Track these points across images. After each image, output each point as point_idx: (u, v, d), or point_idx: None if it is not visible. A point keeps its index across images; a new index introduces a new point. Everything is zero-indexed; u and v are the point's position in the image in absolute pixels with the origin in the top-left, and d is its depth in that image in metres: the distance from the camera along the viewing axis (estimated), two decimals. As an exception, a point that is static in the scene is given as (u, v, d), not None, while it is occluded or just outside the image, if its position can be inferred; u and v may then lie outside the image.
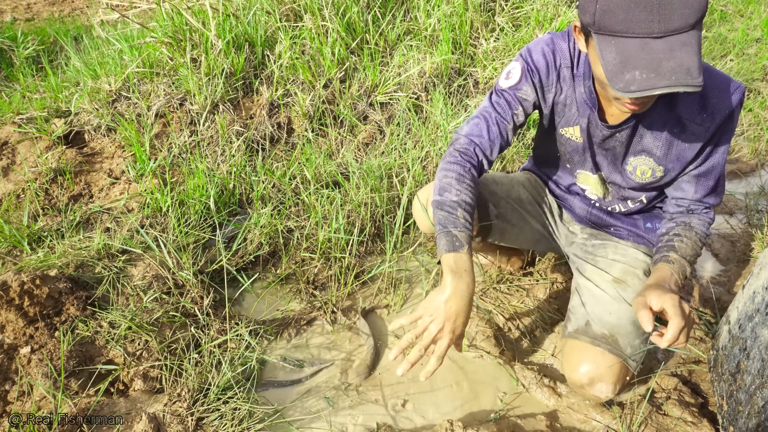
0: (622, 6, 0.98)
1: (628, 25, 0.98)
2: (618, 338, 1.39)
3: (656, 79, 0.97)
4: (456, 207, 1.28)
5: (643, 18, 0.97)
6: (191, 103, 2.52)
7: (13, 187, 2.25)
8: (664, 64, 0.97)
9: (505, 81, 1.39)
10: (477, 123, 1.41)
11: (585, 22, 1.06)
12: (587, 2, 1.04)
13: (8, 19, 5.21)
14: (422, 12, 2.87)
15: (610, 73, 1.01)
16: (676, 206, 1.40)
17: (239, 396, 1.44)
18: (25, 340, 1.52)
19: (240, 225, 2.04)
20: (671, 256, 1.30)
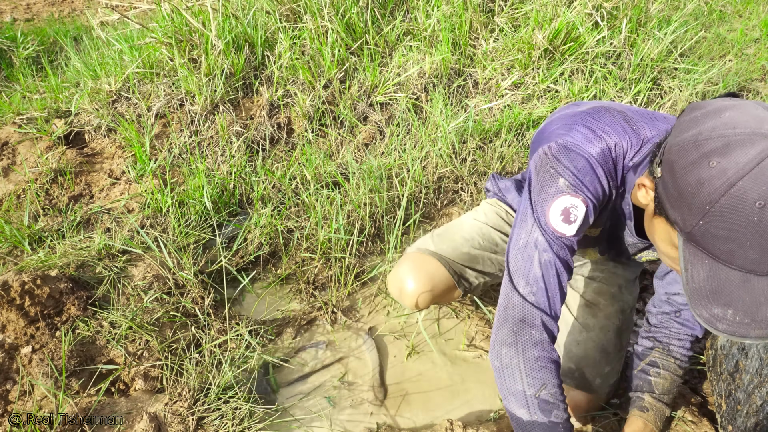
0: (734, 240, 0.78)
1: (733, 258, 0.80)
2: (585, 371, 1.40)
3: (751, 327, 0.81)
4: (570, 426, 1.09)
5: (754, 257, 0.78)
6: (191, 104, 2.53)
7: (13, 187, 2.25)
8: (763, 310, 0.80)
9: (565, 225, 1.08)
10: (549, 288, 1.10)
11: (673, 219, 0.85)
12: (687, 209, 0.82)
13: (8, 20, 5.21)
14: (422, 12, 2.88)
15: (693, 293, 0.84)
16: (665, 304, 1.29)
17: (240, 395, 1.45)
18: (26, 340, 1.52)
19: (240, 225, 2.04)
20: (646, 401, 1.26)
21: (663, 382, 1.27)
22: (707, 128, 0.80)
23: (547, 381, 1.07)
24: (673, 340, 1.29)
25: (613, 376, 1.42)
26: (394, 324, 1.79)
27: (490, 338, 1.16)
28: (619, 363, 1.44)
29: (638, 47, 2.97)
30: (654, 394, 1.27)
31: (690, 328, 1.29)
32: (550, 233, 1.08)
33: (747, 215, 0.75)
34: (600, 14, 2.97)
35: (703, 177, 0.78)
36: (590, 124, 1.09)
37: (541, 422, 1.05)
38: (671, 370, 1.28)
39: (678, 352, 1.29)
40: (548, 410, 1.05)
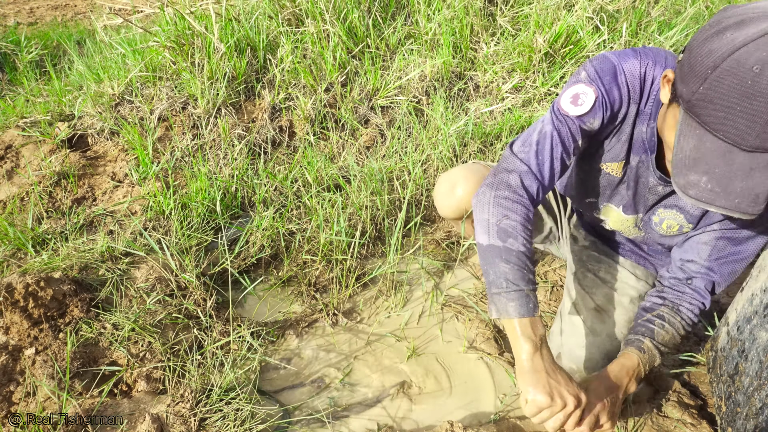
0: (726, 105, 0.83)
1: (723, 126, 0.84)
2: (585, 373, 1.41)
3: (719, 196, 0.87)
4: (525, 260, 1.13)
5: (741, 127, 0.82)
6: (194, 107, 2.54)
7: (17, 190, 2.27)
8: (735, 184, 0.86)
9: (572, 106, 1.16)
10: (539, 151, 1.20)
11: (680, 92, 0.92)
12: (693, 78, 0.87)
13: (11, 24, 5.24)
14: (423, 16, 2.89)
15: (677, 162, 0.90)
16: (678, 270, 1.29)
17: (242, 397, 1.46)
18: (30, 342, 1.53)
19: (242, 228, 2.05)
20: (645, 344, 1.24)
21: (665, 335, 1.24)
22: (728, 13, 0.85)
23: (509, 214, 1.14)
24: (684, 302, 1.27)
25: None
26: (395, 326, 1.79)
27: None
28: None
29: (638, 51, 2.98)
30: (654, 341, 1.24)
31: (701, 296, 1.27)
32: (556, 111, 1.18)
33: (742, 78, 0.79)
34: (600, 18, 2.98)
35: (714, 47, 0.83)
36: (637, 48, 1.16)
37: (496, 246, 1.12)
38: (675, 328, 1.25)
39: (686, 313, 1.26)
40: (505, 237, 1.12)
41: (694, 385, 1.55)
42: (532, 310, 1.09)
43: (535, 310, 1.10)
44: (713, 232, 1.22)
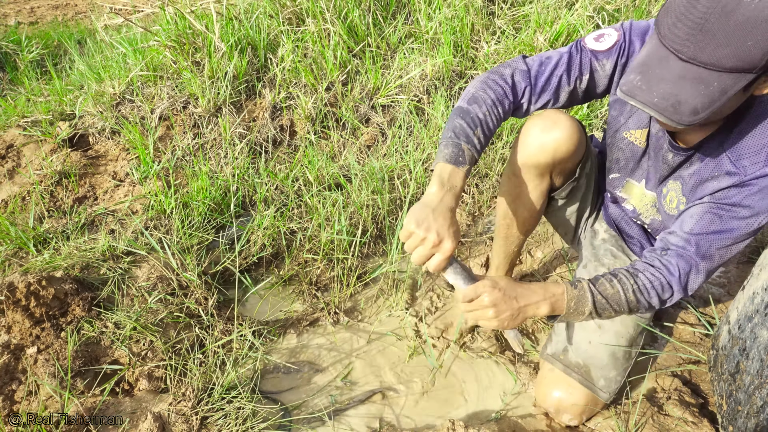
0: (673, 12, 0.91)
1: (668, 33, 0.92)
2: (591, 369, 1.40)
3: (643, 93, 0.93)
4: (478, 124, 1.20)
5: (682, 34, 0.90)
6: (194, 106, 2.54)
7: (18, 189, 2.27)
8: (661, 86, 0.92)
9: (593, 41, 1.24)
10: (544, 63, 1.26)
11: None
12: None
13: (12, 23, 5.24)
14: (423, 15, 2.89)
15: (629, 67, 0.97)
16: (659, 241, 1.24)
17: (243, 395, 1.46)
18: (32, 341, 1.53)
19: (243, 227, 2.06)
20: (581, 283, 1.17)
21: (608, 288, 1.16)
22: None
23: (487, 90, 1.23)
24: (646, 272, 1.18)
25: (616, 381, 1.41)
26: (395, 324, 1.80)
27: None
28: (625, 371, 1.43)
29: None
30: (593, 285, 1.16)
31: (667, 272, 1.17)
32: (578, 41, 1.26)
33: None
34: (601, 17, 2.98)
35: None
36: None
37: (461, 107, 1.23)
38: (624, 287, 1.16)
39: (642, 280, 1.17)
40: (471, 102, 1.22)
41: (695, 384, 1.55)
42: (458, 161, 1.15)
43: (461, 164, 1.15)
44: (702, 206, 1.17)
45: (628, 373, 1.54)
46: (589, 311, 1.17)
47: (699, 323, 1.72)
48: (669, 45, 0.92)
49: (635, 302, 1.17)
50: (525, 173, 1.40)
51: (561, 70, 1.25)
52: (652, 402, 1.45)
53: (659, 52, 0.94)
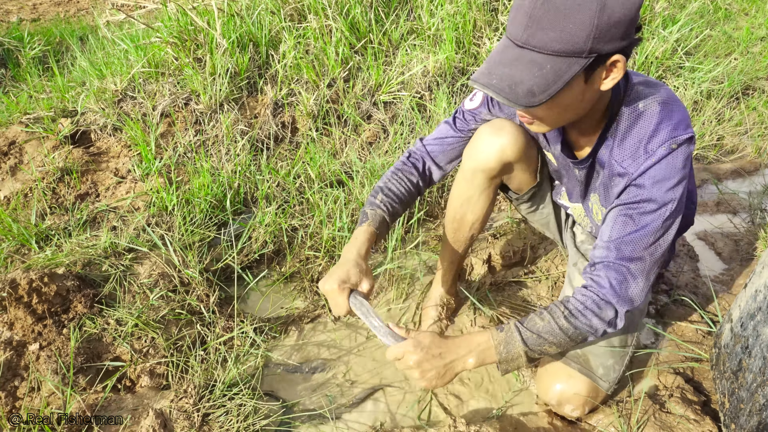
0: (514, 5, 0.99)
1: (509, 24, 1.00)
2: (590, 357, 1.41)
3: (484, 76, 1.00)
4: (378, 191, 1.42)
5: (518, 21, 0.97)
6: (196, 103, 2.54)
7: (21, 186, 2.27)
8: (499, 69, 0.99)
9: (468, 102, 1.44)
10: (438, 131, 1.49)
11: None
12: None
13: (14, 20, 5.24)
14: (425, 11, 2.88)
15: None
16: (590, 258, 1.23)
17: (245, 392, 1.46)
18: (34, 337, 1.54)
19: (245, 224, 2.06)
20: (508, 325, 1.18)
21: (539, 321, 1.17)
22: None
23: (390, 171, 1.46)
24: (577, 295, 1.18)
25: (614, 370, 1.42)
26: (395, 320, 1.79)
27: None
28: (623, 360, 1.44)
29: (643, 46, 2.97)
30: (521, 324, 1.17)
31: (598, 287, 1.16)
32: (459, 108, 1.47)
33: None
34: (604, 13, 2.96)
35: None
36: None
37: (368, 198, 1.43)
38: (554, 316, 1.17)
39: (573, 304, 1.17)
40: (374, 193, 1.42)
41: (697, 382, 1.55)
42: (362, 221, 1.36)
43: (363, 222, 1.35)
44: (613, 211, 1.18)
45: (630, 370, 1.54)
46: (524, 351, 1.16)
47: (701, 321, 1.71)
48: (509, 34, 1.00)
49: (571, 328, 1.16)
50: (474, 178, 1.47)
51: (453, 131, 1.46)
52: (654, 399, 1.45)
53: (503, 43, 1.02)
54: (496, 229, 2.14)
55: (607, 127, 1.18)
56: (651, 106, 1.12)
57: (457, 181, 1.52)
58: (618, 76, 1.02)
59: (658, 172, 1.11)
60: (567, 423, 1.46)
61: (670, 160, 1.10)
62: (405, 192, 1.44)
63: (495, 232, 2.12)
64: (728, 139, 2.81)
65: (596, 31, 0.92)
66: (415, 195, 1.49)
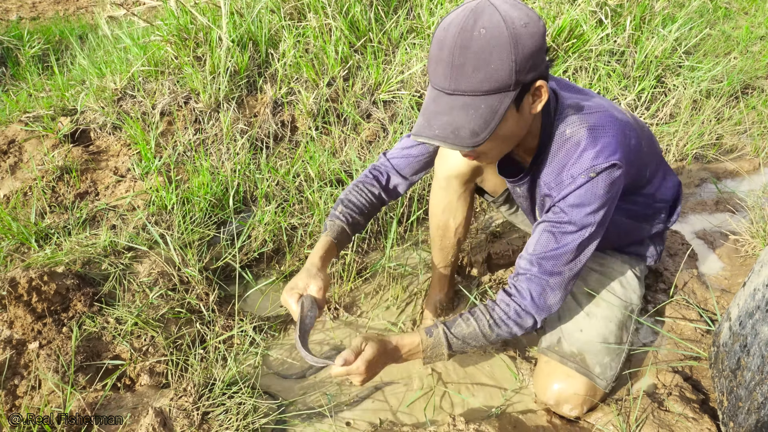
0: (432, 59, 1.04)
1: (433, 77, 1.05)
2: (586, 356, 1.43)
3: (425, 129, 1.05)
4: (339, 203, 1.48)
5: (441, 73, 1.03)
6: (196, 102, 2.54)
7: (20, 184, 2.27)
8: (438, 119, 1.04)
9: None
10: (400, 143, 1.54)
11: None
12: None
13: (14, 18, 5.24)
14: (425, 10, 2.88)
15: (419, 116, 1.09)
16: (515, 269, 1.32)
17: (244, 391, 1.46)
18: (34, 336, 1.54)
19: (244, 222, 2.06)
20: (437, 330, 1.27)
21: (465, 328, 1.27)
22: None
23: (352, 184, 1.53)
24: (502, 305, 1.28)
25: (611, 368, 1.43)
26: (394, 319, 1.80)
27: None
28: (619, 357, 1.45)
29: (642, 45, 2.97)
30: (449, 330, 1.27)
31: (520, 296, 1.26)
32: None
33: (438, 36, 1.03)
34: (604, 12, 2.97)
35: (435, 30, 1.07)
36: None
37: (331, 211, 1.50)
38: (480, 324, 1.26)
39: (498, 314, 1.27)
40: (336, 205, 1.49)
41: (696, 380, 1.55)
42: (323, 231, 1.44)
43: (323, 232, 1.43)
44: (539, 226, 1.26)
45: (629, 368, 1.55)
46: (448, 353, 1.28)
47: (700, 319, 1.71)
48: (436, 85, 1.06)
49: (493, 335, 1.27)
50: (449, 185, 1.52)
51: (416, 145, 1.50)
52: (652, 398, 1.45)
53: (431, 94, 1.07)
54: (494, 227, 2.14)
55: (540, 149, 1.25)
56: (578, 132, 1.18)
57: (434, 190, 1.57)
58: (545, 98, 1.09)
59: (577, 198, 1.18)
60: (566, 422, 1.46)
61: (589, 187, 1.16)
62: (366, 203, 1.50)
63: (494, 230, 2.12)
64: (727, 138, 2.82)
65: (516, 66, 1.00)
66: (377, 206, 1.54)
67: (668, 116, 2.85)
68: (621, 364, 1.46)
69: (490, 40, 0.98)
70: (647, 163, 1.37)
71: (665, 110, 2.84)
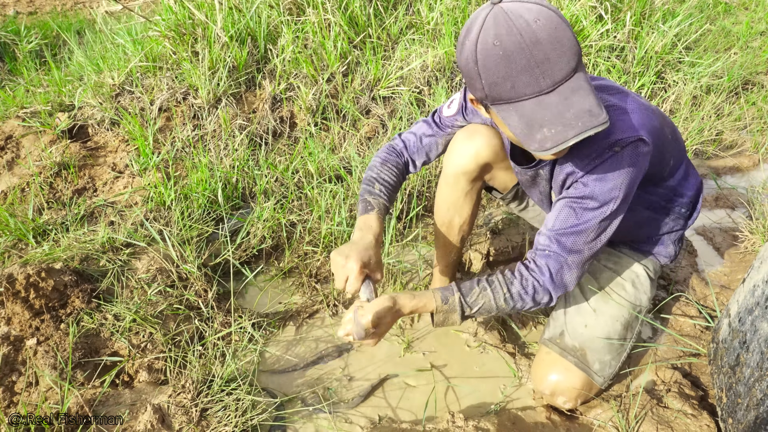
0: (505, 76, 1.00)
1: (518, 90, 1.00)
2: (587, 352, 1.43)
3: (565, 130, 0.99)
4: (374, 181, 1.45)
5: (527, 81, 0.99)
6: (194, 97, 2.53)
7: (17, 180, 2.26)
8: (566, 114, 0.99)
9: (446, 109, 1.50)
10: (416, 129, 1.54)
11: (478, 97, 1.09)
12: (473, 80, 1.05)
13: (11, 13, 5.21)
14: (425, 6, 2.87)
15: (521, 136, 1.03)
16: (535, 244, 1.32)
17: (242, 388, 1.46)
18: (31, 332, 1.53)
19: (243, 219, 2.05)
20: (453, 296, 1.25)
21: (480, 298, 1.26)
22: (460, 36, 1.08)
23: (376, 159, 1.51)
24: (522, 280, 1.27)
25: (611, 366, 1.43)
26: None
27: None
28: (620, 356, 1.45)
29: (642, 40, 2.96)
30: (464, 297, 1.26)
31: (540, 273, 1.26)
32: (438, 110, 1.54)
33: (494, 53, 0.99)
34: (604, 7, 2.95)
35: (465, 54, 1.04)
36: None
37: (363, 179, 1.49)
38: (496, 296, 1.26)
39: (516, 289, 1.26)
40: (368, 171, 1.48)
41: (695, 376, 1.55)
42: (367, 210, 1.39)
43: (371, 210, 1.38)
44: (559, 202, 1.26)
45: (628, 365, 1.55)
46: (460, 321, 1.28)
47: (699, 316, 1.71)
48: (527, 95, 1.01)
49: (507, 308, 1.27)
50: (457, 182, 1.53)
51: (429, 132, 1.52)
52: (651, 394, 1.45)
53: (530, 106, 1.01)
54: (494, 224, 2.14)
55: None
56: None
57: (441, 187, 1.57)
58: None
59: (601, 172, 1.17)
60: (565, 418, 1.46)
61: (614, 161, 1.16)
62: (396, 182, 1.49)
63: (494, 227, 2.12)
64: (727, 134, 2.81)
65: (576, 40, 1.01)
66: (399, 186, 1.54)
67: (668, 112, 2.85)
68: (621, 363, 1.46)
69: (548, 25, 0.98)
70: (671, 152, 1.35)
71: (665, 106, 2.83)
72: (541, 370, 1.46)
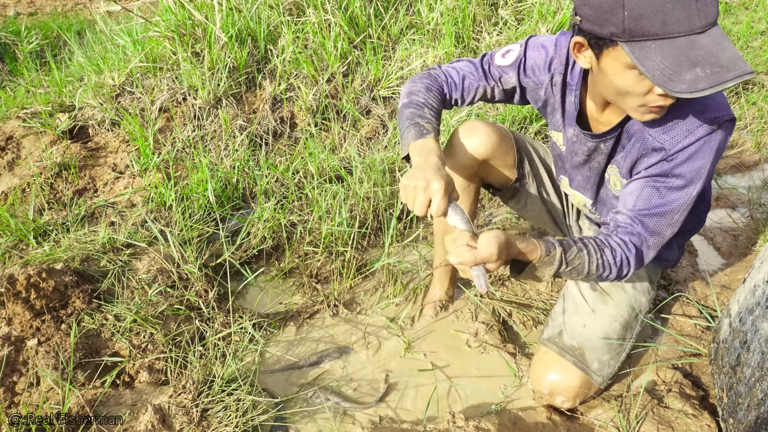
0: (657, 8, 0.90)
1: (669, 25, 0.91)
2: (585, 352, 1.43)
3: (723, 72, 0.89)
4: (423, 106, 1.31)
5: (683, 16, 0.90)
6: (194, 98, 2.53)
7: (18, 181, 2.26)
8: (722, 56, 0.90)
9: (500, 57, 1.38)
10: (459, 67, 1.41)
11: (608, 33, 0.97)
12: (610, 13, 0.94)
13: (11, 14, 5.22)
14: (425, 6, 2.87)
15: (662, 78, 0.92)
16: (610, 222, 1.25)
17: (243, 388, 1.46)
18: (32, 333, 1.53)
19: (243, 219, 2.05)
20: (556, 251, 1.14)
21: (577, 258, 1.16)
22: None
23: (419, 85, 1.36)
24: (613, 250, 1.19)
25: (610, 366, 1.44)
26: (394, 316, 1.79)
27: None
28: (618, 356, 1.45)
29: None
30: (565, 255, 1.15)
31: (627, 249, 1.19)
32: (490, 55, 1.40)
33: None
34: (604, 7, 2.94)
35: None
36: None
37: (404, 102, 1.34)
38: (590, 260, 1.17)
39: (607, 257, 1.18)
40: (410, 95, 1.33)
41: (695, 377, 1.55)
42: (423, 134, 1.22)
43: (427, 133, 1.23)
44: (639, 181, 1.20)
45: (629, 365, 1.54)
46: (547, 278, 1.19)
47: (700, 316, 1.71)
48: (679, 32, 0.91)
49: (593, 276, 1.20)
50: (455, 178, 1.51)
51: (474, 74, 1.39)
52: (652, 394, 1.45)
53: (679, 45, 0.92)
54: (494, 224, 2.14)
55: None
56: None
57: None
58: None
59: (694, 151, 1.10)
60: (566, 418, 1.46)
61: (708, 141, 1.09)
62: (440, 112, 1.36)
63: (495, 227, 2.12)
64: (728, 134, 2.80)
65: None
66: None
67: (668, 112, 2.84)
68: (620, 363, 1.46)
69: None
70: None
71: (665, 106, 2.83)
72: (539, 369, 1.46)
